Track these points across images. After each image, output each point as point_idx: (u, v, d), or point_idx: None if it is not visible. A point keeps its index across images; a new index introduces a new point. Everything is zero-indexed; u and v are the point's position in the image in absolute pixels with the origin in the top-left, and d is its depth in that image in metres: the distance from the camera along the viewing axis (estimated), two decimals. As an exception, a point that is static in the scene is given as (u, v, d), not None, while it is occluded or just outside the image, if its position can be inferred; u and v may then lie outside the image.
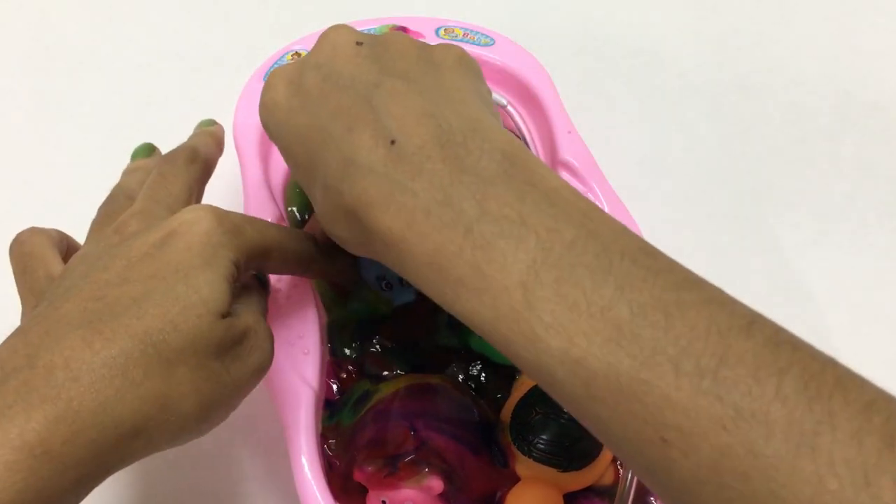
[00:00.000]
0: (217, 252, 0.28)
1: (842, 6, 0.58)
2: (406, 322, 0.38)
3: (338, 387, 0.37)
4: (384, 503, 0.33)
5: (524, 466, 0.34)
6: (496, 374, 0.37)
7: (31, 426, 0.23)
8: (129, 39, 0.57)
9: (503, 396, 0.36)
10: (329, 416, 0.36)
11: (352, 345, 0.38)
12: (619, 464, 0.35)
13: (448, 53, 0.31)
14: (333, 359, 0.37)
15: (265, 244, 0.30)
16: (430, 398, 0.35)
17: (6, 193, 0.51)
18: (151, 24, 0.58)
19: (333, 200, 0.28)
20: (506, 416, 0.35)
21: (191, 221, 0.28)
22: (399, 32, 0.32)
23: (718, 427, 0.21)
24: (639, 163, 0.51)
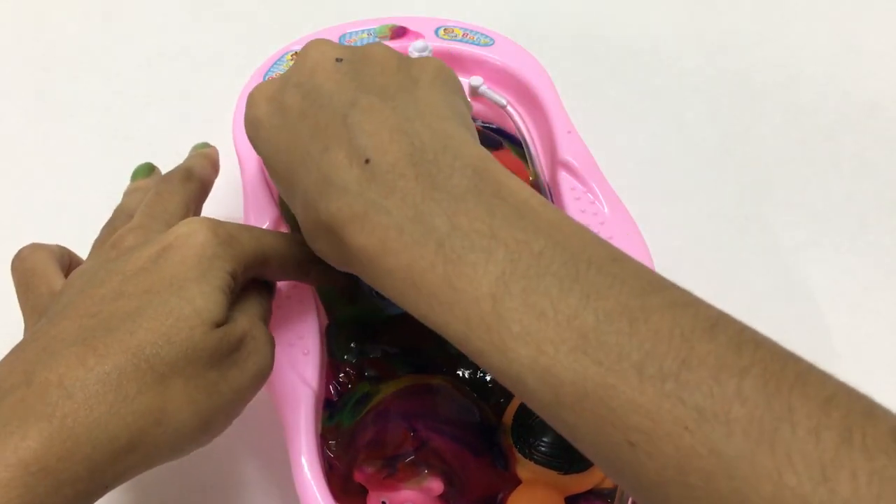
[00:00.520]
0: (212, 263, 0.28)
1: (842, 6, 0.58)
2: (405, 328, 0.38)
3: (335, 389, 0.37)
4: (384, 504, 0.33)
5: (525, 469, 0.34)
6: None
7: (27, 444, 0.23)
8: (129, 39, 0.57)
9: (506, 400, 0.36)
10: (329, 417, 0.36)
11: (351, 348, 0.38)
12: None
13: (426, 67, 0.31)
14: (333, 360, 0.37)
15: (262, 252, 0.31)
16: (431, 399, 0.35)
17: (6, 193, 0.51)
18: (151, 24, 0.58)
19: (312, 217, 0.28)
20: (508, 419, 0.35)
21: (186, 234, 0.29)
22: (379, 44, 0.32)
23: (681, 428, 0.21)
24: (639, 163, 0.51)
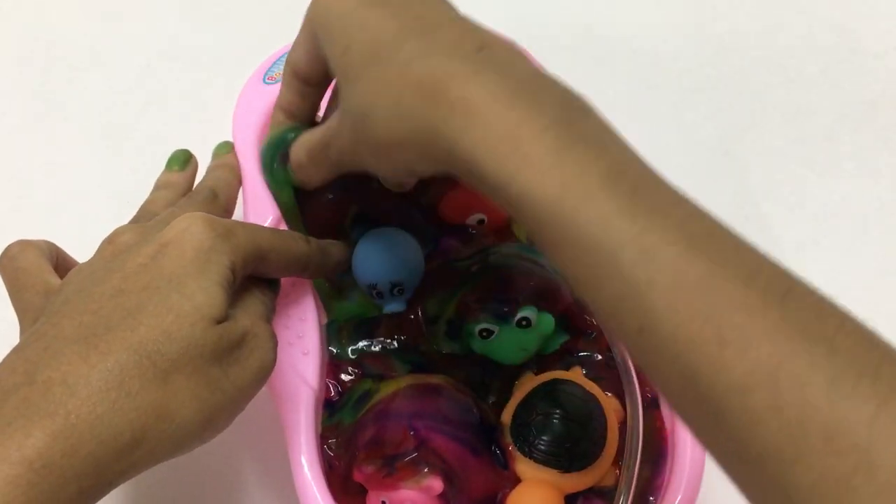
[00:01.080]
0: (210, 257, 0.28)
1: (841, 6, 0.58)
2: (403, 326, 0.38)
3: (335, 388, 0.37)
4: (384, 503, 0.33)
5: (525, 468, 0.34)
6: (497, 377, 0.37)
7: (31, 441, 0.23)
8: (129, 39, 0.57)
9: (505, 399, 0.36)
10: (329, 416, 0.36)
11: (351, 345, 0.38)
12: (620, 464, 0.34)
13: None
14: (333, 359, 0.37)
15: (260, 245, 0.31)
16: (431, 398, 0.35)
17: (6, 193, 0.51)
18: (151, 24, 0.58)
19: (402, 73, 0.27)
20: (507, 418, 0.35)
21: (183, 229, 0.29)
22: None
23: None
24: (639, 163, 0.51)
